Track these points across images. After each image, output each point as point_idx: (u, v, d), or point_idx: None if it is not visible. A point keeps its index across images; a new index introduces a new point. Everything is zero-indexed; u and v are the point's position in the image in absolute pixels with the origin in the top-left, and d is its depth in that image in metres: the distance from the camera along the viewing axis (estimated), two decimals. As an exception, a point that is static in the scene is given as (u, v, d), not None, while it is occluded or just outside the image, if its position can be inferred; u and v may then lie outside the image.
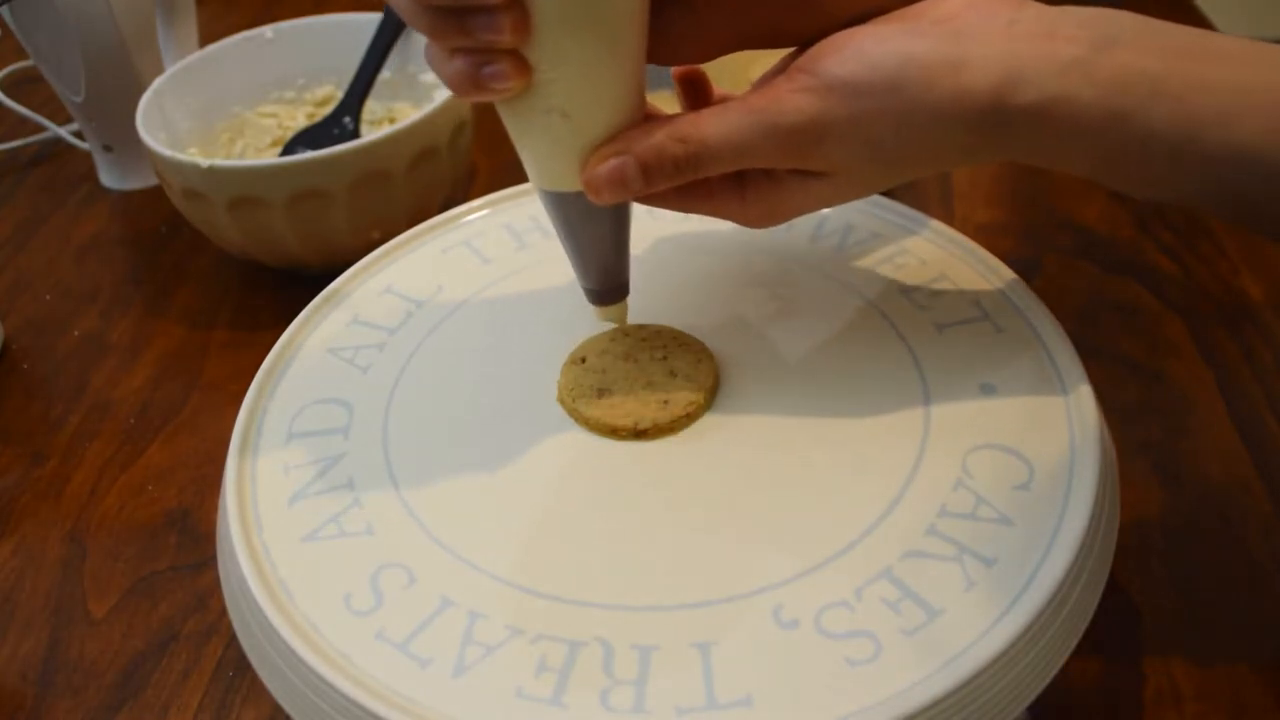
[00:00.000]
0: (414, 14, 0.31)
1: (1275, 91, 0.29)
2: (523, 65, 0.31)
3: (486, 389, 0.40)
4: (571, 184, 0.34)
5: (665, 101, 0.37)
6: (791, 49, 0.35)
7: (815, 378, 0.39)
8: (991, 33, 0.31)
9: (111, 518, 0.51)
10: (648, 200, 0.36)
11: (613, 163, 0.33)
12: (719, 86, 0.38)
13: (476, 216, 0.48)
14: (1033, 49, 0.30)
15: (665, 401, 0.38)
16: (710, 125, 0.33)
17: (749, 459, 0.36)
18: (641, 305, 0.41)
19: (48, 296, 0.66)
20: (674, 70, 0.37)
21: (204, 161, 0.56)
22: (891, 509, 0.34)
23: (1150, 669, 0.41)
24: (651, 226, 0.46)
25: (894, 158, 0.33)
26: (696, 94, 0.38)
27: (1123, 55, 0.30)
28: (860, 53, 0.31)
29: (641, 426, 0.37)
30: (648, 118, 0.34)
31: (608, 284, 0.38)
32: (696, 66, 0.37)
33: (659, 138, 0.33)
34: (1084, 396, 0.36)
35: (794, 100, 0.32)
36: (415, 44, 0.70)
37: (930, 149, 0.32)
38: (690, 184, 0.35)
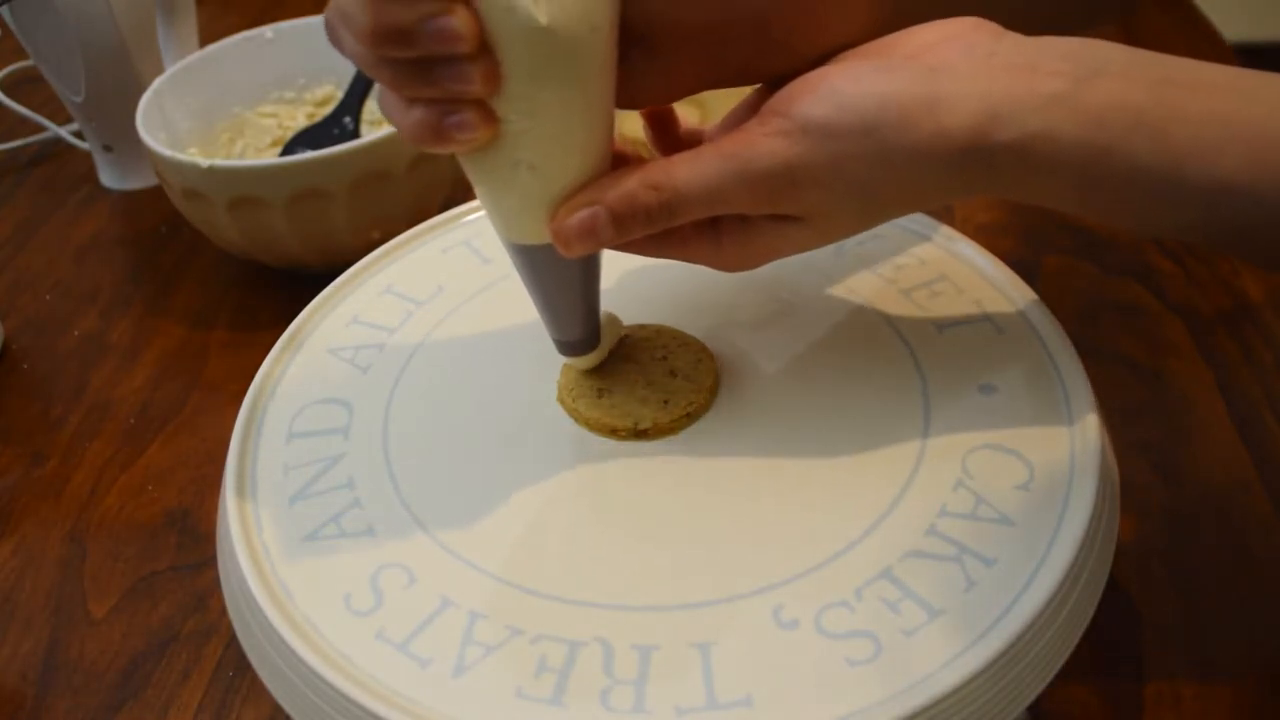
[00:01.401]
0: (371, 63, 0.29)
1: (1257, 124, 0.29)
2: (489, 115, 0.30)
3: (486, 389, 0.40)
4: (539, 236, 0.33)
5: (629, 120, 0.36)
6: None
7: (815, 378, 0.39)
8: (970, 67, 0.30)
9: (111, 518, 0.51)
10: (618, 247, 0.34)
11: (583, 214, 0.32)
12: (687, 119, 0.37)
13: (476, 216, 0.48)
14: (1013, 84, 0.29)
15: (665, 401, 0.38)
16: (682, 171, 0.32)
17: (749, 459, 0.36)
18: (641, 305, 0.41)
19: (48, 296, 0.66)
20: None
21: (204, 161, 0.56)
22: (892, 509, 0.34)
23: (1150, 669, 0.41)
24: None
25: (872, 200, 0.32)
26: (664, 127, 0.37)
27: (1105, 87, 0.29)
28: (834, 93, 0.30)
29: (641, 426, 0.37)
30: (615, 156, 0.33)
31: (577, 335, 0.37)
32: None
33: (630, 186, 0.32)
34: (1084, 396, 0.36)
35: (767, 144, 0.31)
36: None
37: (909, 190, 0.32)
38: (663, 231, 0.33)
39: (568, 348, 0.37)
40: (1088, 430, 0.35)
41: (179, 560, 0.49)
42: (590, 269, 0.35)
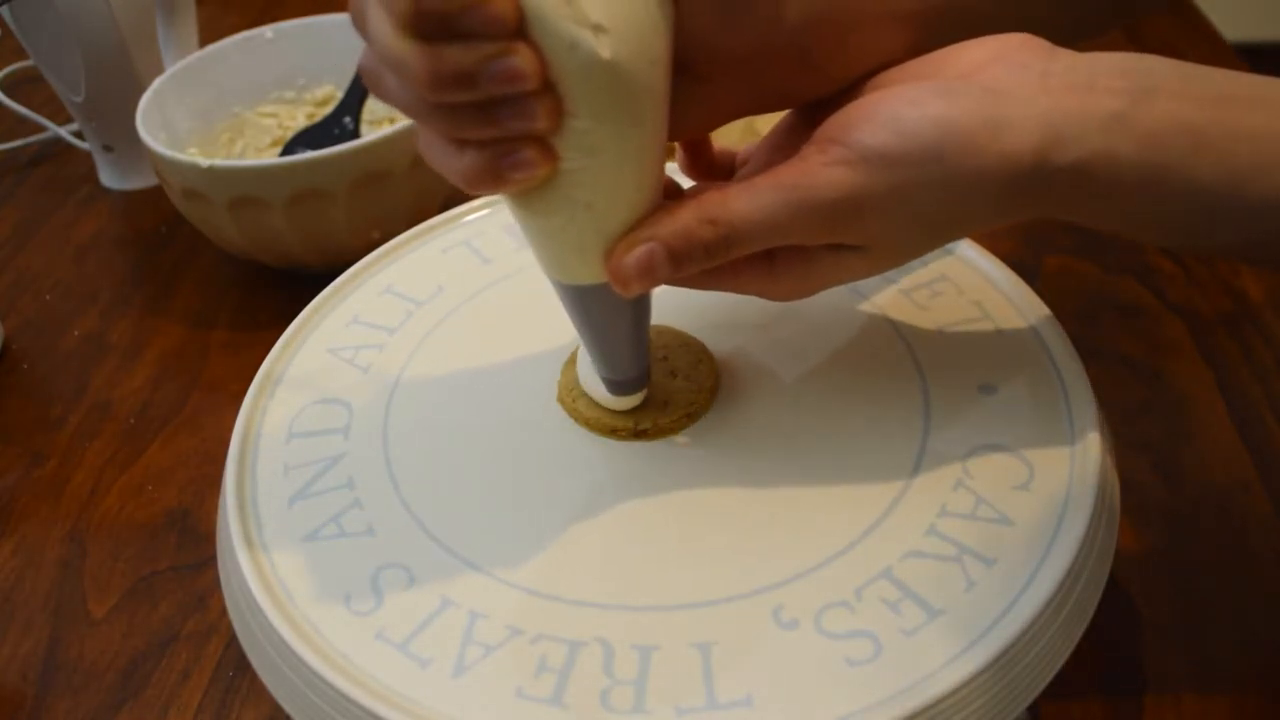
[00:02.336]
0: (424, 110, 0.28)
1: None
2: (549, 151, 0.29)
3: (486, 389, 0.40)
4: (594, 276, 0.32)
5: None
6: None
7: (815, 378, 0.39)
8: (1027, 88, 0.29)
9: (111, 518, 0.51)
10: (670, 282, 0.33)
11: (639, 251, 0.31)
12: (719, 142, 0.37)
13: (476, 216, 0.48)
14: (1071, 104, 0.29)
15: (665, 402, 0.38)
16: (740, 204, 0.31)
17: (749, 459, 0.36)
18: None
19: (48, 296, 0.66)
20: None
21: (204, 161, 0.56)
22: (892, 509, 0.34)
23: (1150, 669, 0.41)
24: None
25: (933, 226, 0.31)
26: (698, 154, 0.36)
27: (1163, 106, 0.29)
28: (895, 120, 0.29)
29: (641, 427, 0.37)
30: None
31: (630, 374, 0.36)
32: None
33: (686, 221, 0.31)
34: (1084, 396, 0.36)
35: (828, 174, 0.30)
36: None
37: (971, 213, 0.31)
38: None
39: (619, 387, 0.36)
40: (1088, 430, 0.35)
41: (179, 560, 0.49)
42: (642, 306, 0.34)
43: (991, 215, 0.31)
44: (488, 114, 0.28)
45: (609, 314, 0.34)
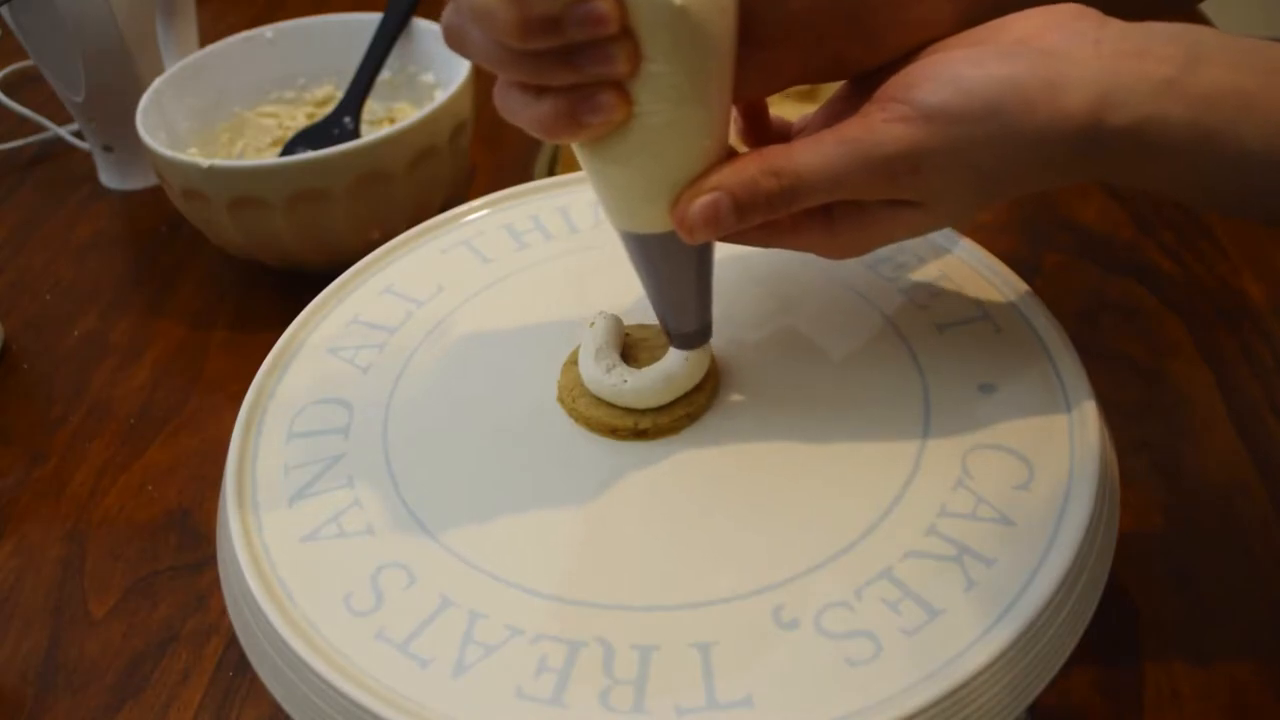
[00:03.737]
0: (509, 60, 0.29)
1: None
2: (626, 96, 0.30)
3: (486, 389, 0.40)
4: (660, 224, 0.33)
5: None
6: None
7: (815, 378, 0.39)
8: (1082, 53, 0.30)
9: (111, 518, 0.51)
10: (730, 237, 0.34)
11: (706, 199, 0.32)
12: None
13: (476, 216, 0.48)
14: (1126, 68, 0.30)
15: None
16: (804, 157, 0.32)
17: (749, 459, 0.36)
18: (642, 305, 0.41)
19: (48, 296, 0.66)
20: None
21: (204, 161, 0.56)
22: (892, 509, 0.34)
23: (1150, 669, 0.41)
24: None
25: (990, 183, 0.32)
26: (756, 122, 0.37)
27: (1213, 72, 0.30)
28: (956, 79, 0.31)
29: (641, 426, 0.37)
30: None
31: (694, 326, 0.36)
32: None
33: (752, 172, 0.32)
34: (1084, 396, 0.36)
35: (890, 130, 0.31)
36: (415, 44, 0.70)
37: (1026, 172, 0.32)
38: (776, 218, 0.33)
39: (686, 340, 0.37)
40: (1088, 430, 0.35)
41: (179, 560, 0.49)
42: (706, 258, 0.35)
43: (1046, 175, 0.32)
44: (570, 60, 0.29)
45: (675, 264, 0.35)
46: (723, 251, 0.44)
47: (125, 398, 0.58)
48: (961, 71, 0.31)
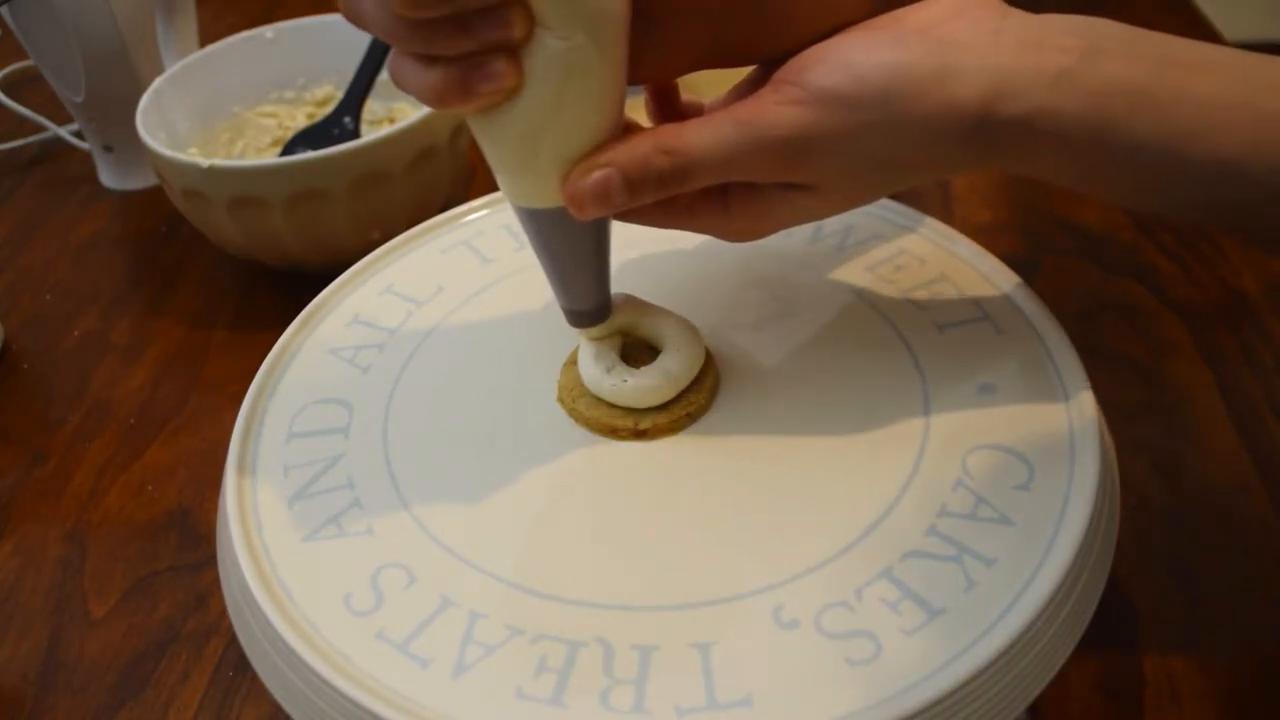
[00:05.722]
0: (401, 30, 0.29)
1: (1258, 105, 0.29)
2: (517, 63, 0.30)
3: (486, 389, 0.40)
4: (551, 199, 0.33)
5: (631, 108, 0.36)
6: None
7: (815, 378, 0.39)
8: (978, 42, 0.30)
9: (111, 518, 0.51)
10: (627, 216, 0.34)
11: (596, 175, 0.32)
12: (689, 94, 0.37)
13: (476, 216, 0.48)
14: (1020, 60, 0.30)
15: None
16: (696, 137, 0.32)
17: (749, 459, 0.36)
18: (641, 305, 0.41)
19: (48, 296, 0.66)
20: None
21: (204, 161, 0.56)
22: (892, 509, 0.34)
23: (1150, 669, 0.41)
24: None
25: (882, 168, 0.32)
26: (665, 100, 0.37)
27: (1109, 65, 0.30)
28: (848, 64, 0.31)
29: (641, 426, 0.37)
30: (626, 129, 0.34)
31: (589, 304, 0.36)
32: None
33: (644, 150, 0.32)
34: (1084, 396, 0.36)
35: (781, 112, 0.31)
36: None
37: (917, 160, 0.32)
38: (672, 198, 0.34)
39: (580, 318, 0.37)
40: (1087, 430, 0.35)
41: (179, 560, 0.49)
42: (601, 235, 0.35)
43: (939, 162, 0.32)
44: (462, 26, 0.29)
45: (569, 240, 0.35)
46: (724, 253, 0.44)
47: (125, 398, 0.58)
48: (854, 57, 0.31)
